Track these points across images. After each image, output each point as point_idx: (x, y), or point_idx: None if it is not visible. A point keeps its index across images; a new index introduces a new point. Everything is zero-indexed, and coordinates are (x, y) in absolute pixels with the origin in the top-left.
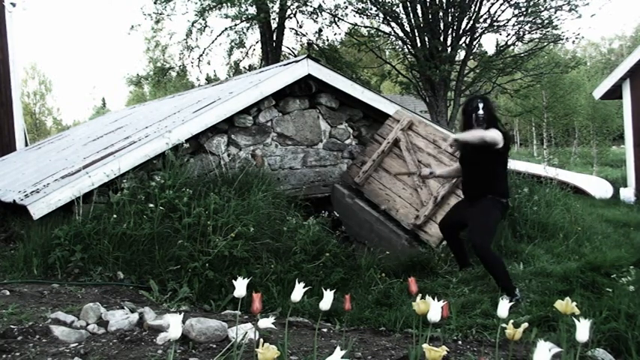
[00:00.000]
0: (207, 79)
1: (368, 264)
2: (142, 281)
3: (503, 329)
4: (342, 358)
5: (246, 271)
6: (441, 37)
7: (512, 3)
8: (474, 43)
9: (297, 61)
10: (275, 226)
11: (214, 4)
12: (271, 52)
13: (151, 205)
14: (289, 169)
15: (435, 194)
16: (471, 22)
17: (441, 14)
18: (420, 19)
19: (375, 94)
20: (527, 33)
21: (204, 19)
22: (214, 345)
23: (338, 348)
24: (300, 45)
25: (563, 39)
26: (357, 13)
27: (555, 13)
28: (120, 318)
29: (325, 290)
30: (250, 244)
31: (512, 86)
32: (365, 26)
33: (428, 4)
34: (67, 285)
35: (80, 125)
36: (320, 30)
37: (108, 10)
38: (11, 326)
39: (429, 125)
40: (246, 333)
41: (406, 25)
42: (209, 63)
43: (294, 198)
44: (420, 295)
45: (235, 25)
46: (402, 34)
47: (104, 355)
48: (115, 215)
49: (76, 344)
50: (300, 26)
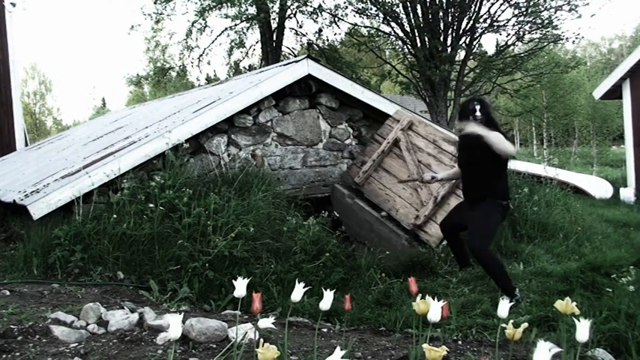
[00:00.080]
0: (207, 79)
1: (368, 264)
2: (142, 281)
3: (503, 329)
4: (342, 358)
5: (246, 271)
6: (441, 37)
7: (512, 3)
8: (474, 43)
9: (297, 61)
10: (275, 226)
11: (214, 4)
12: (271, 52)
13: (151, 205)
14: (289, 169)
15: (435, 194)
16: (471, 22)
17: (441, 14)
18: (420, 19)
19: (375, 94)
20: (527, 33)
21: (204, 19)
22: (214, 345)
23: (338, 348)
24: (300, 45)
25: (563, 39)
26: (357, 13)
27: (555, 13)
28: (120, 318)
29: (325, 290)
30: (250, 244)
31: (512, 86)
32: (365, 26)
33: (428, 4)
34: (67, 285)
35: (80, 125)
36: (320, 30)
37: (108, 10)
38: (11, 326)
39: (429, 125)
40: (246, 333)
41: (406, 25)
42: (209, 63)
43: (294, 198)
44: (420, 295)
45: (235, 25)
46: (402, 34)
47: (104, 355)
48: (115, 215)
49: (76, 344)
50: (300, 26)
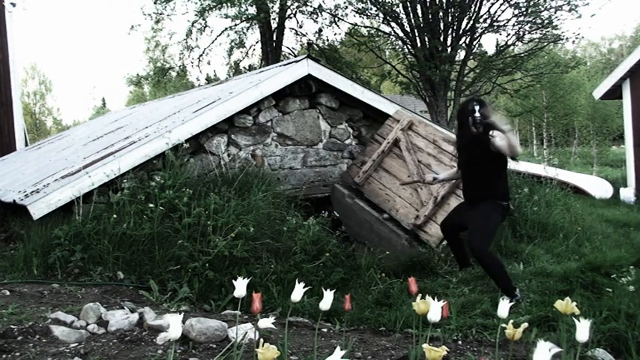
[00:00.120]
0: (207, 79)
1: (368, 264)
2: (142, 281)
3: (503, 329)
4: (342, 358)
5: (246, 271)
6: (441, 37)
7: (512, 3)
8: (474, 43)
9: (297, 61)
10: (275, 226)
11: (214, 4)
12: (271, 52)
13: (151, 205)
14: (289, 169)
15: (435, 194)
16: (471, 22)
17: (441, 14)
18: (420, 19)
19: (375, 94)
20: (527, 33)
21: (204, 19)
22: (214, 345)
23: (338, 348)
24: (300, 45)
25: (563, 39)
26: (357, 13)
27: (555, 13)
28: (120, 318)
29: (325, 290)
30: (250, 244)
31: (512, 86)
32: (365, 26)
33: (428, 4)
34: (67, 285)
35: (80, 125)
36: (320, 30)
37: (108, 10)
38: (11, 326)
39: (429, 125)
40: (246, 333)
41: (406, 25)
42: (209, 63)
43: (294, 198)
44: (420, 295)
45: (235, 25)
46: (402, 34)
47: (104, 355)
48: (115, 215)
49: (76, 344)
50: (300, 26)
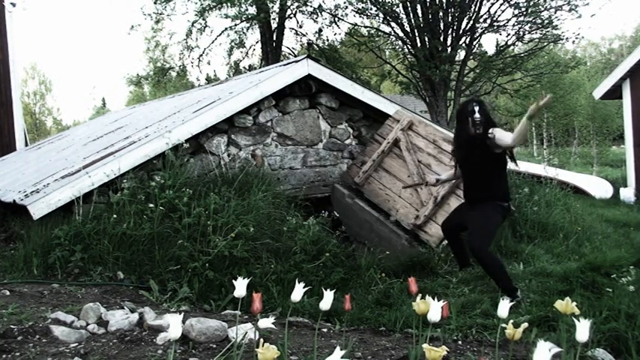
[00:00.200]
0: (207, 79)
1: (368, 264)
2: (142, 281)
3: (503, 329)
4: (342, 358)
5: (246, 271)
6: (441, 37)
7: (512, 3)
8: (474, 43)
9: (297, 61)
10: (275, 226)
11: (214, 4)
12: (271, 52)
13: (151, 205)
14: (289, 169)
15: (435, 194)
16: (471, 22)
17: (441, 14)
18: (420, 19)
19: (375, 94)
20: (527, 33)
21: (204, 19)
22: (214, 345)
23: (338, 348)
24: (300, 45)
25: (563, 39)
26: (357, 13)
27: (555, 13)
28: (120, 318)
29: (325, 290)
30: (250, 244)
31: (512, 86)
32: (365, 26)
33: (428, 4)
34: (67, 285)
35: (80, 125)
36: (320, 30)
37: (108, 10)
38: (11, 326)
39: (429, 125)
40: (246, 333)
41: (406, 25)
42: (209, 63)
43: (294, 198)
44: (420, 295)
45: (235, 25)
46: (402, 34)
47: (104, 355)
48: (115, 215)
49: (76, 344)
50: (300, 26)
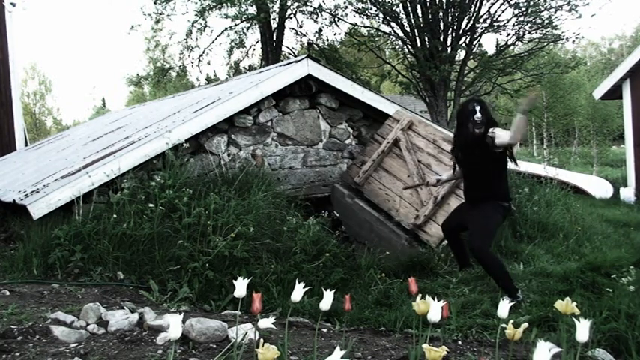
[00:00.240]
0: (207, 79)
1: (368, 264)
2: (142, 281)
3: (503, 329)
4: (342, 358)
5: (246, 271)
6: (441, 37)
7: (512, 3)
8: (474, 43)
9: (297, 61)
10: (275, 226)
11: (214, 4)
12: (271, 52)
13: (151, 205)
14: (289, 169)
15: (435, 194)
16: (471, 22)
17: (441, 14)
18: (420, 19)
19: (375, 94)
20: (527, 33)
21: (204, 19)
22: (214, 345)
23: (338, 348)
24: (300, 45)
25: (563, 39)
26: (357, 13)
27: (555, 13)
28: (120, 318)
29: (325, 290)
30: (250, 244)
31: (512, 86)
32: (365, 26)
33: (428, 4)
34: (67, 285)
35: (80, 125)
36: (320, 30)
37: (108, 10)
38: (11, 326)
39: (429, 125)
40: (246, 333)
41: (406, 25)
42: (209, 63)
43: (294, 198)
44: (420, 295)
45: (235, 25)
46: (402, 34)
47: (104, 355)
48: (115, 215)
49: (76, 344)
50: (300, 26)
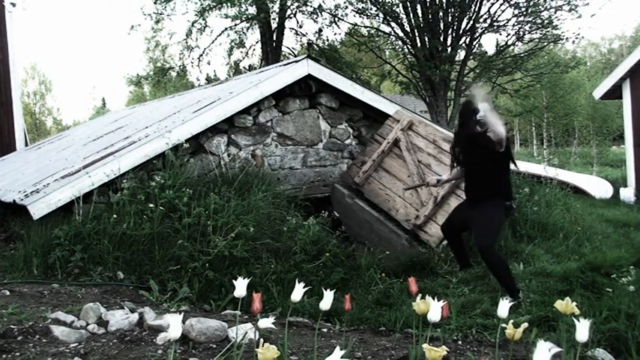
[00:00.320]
0: (207, 79)
1: (368, 264)
2: (142, 281)
3: (503, 329)
4: (342, 358)
5: (246, 271)
6: (441, 37)
7: (512, 3)
8: (474, 43)
9: (297, 61)
10: (275, 226)
11: (214, 4)
12: (271, 52)
13: (151, 205)
14: (289, 169)
15: (435, 194)
16: (471, 22)
17: (441, 14)
18: (420, 19)
19: (375, 94)
20: (527, 33)
21: (204, 19)
22: (214, 345)
23: (338, 348)
24: (300, 45)
25: (563, 39)
26: (357, 13)
27: (555, 13)
28: (120, 318)
29: (325, 290)
30: (250, 244)
31: (512, 86)
32: (365, 26)
33: (428, 4)
34: (67, 285)
35: (80, 125)
36: (320, 30)
37: (108, 10)
38: (11, 326)
39: (429, 125)
40: (246, 333)
41: (406, 25)
42: (209, 63)
43: (294, 198)
44: (420, 295)
45: (235, 25)
46: (402, 34)
47: (104, 355)
48: (115, 215)
49: (76, 344)
50: (300, 26)
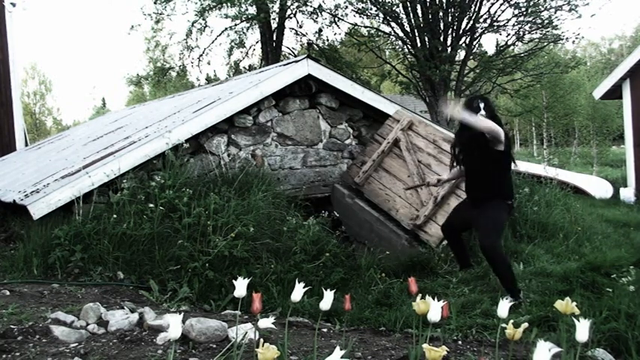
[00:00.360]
0: (207, 79)
1: (368, 264)
2: (142, 281)
3: (503, 329)
4: (342, 358)
5: (246, 271)
6: (441, 37)
7: (512, 3)
8: (474, 43)
9: (297, 61)
10: (275, 226)
11: (214, 4)
12: (271, 52)
13: (151, 205)
14: (289, 169)
15: (435, 194)
16: (471, 22)
17: (441, 14)
18: (420, 19)
19: (375, 94)
20: (527, 33)
21: (204, 19)
22: (214, 345)
23: (338, 348)
24: (300, 45)
25: (563, 39)
26: (357, 13)
27: (555, 13)
28: (120, 318)
29: (325, 290)
30: (250, 244)
31: (512, 86)
32: (365, 26)
33: (428, 4)
34: (67, 285)
35: (80, 125)
36: (320, 30)
37: (108, 10)
38: (11, 326)
39: (429, 125)
40: (246, 333)
41: (406, 25)
42: (209, 63)
43: (294, 198)
44: (420, 295)
45: (235, 25)
46: (402, 34)
47: (104, 355)
48: (115, 215)
49: (76, 344)
50: (300, 26)
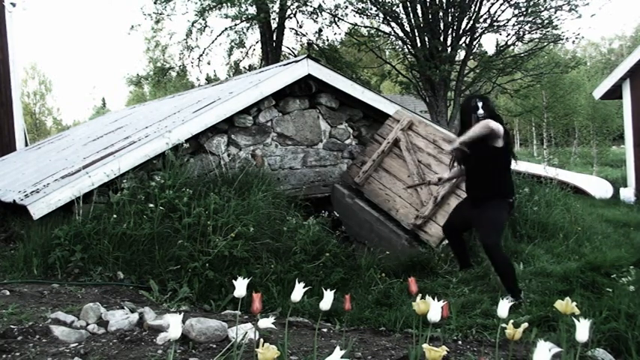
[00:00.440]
0: (207, 79)
1: (368, 264)
2: (142, 281)
3: (503, 329)
4: (342, 358)
5: (246, 271)
6: (441, 37)
7: (512, 3)
8: (474, 43)
9: (297, 61)
10: (275, 226)
11: (214, 4)
12: (271, 52)
13: (151, 205)
14: (289, 169)
15: (435, 194)
16: (471, 22)
17: (441, 14)
18: (420, 19)
19: (375, 94)
20: (527, 33)
21: (204, 19)
22: (214, 345)
23: (338, 348)
24: (300, 45)
25: (563, 39)
26: (357, 13)
27: (555, 13)
28: (120, 318)
29: (325, 290)
30: (250, 244)
31: (512, 86)
32: (365, 26)
33: (428, 4)
34: (67, 285)
35: (80, 125)
36: (320, 30)
37: (108, 10)
38: (11, 326)
39: (429, 125)
40: (246, 333)
41: (406, 25)
42: (209, 63)
43: (294, 198)
44: (420, 295)
45: (235, 25)
46: (402, 34)
47: (104, 355)
48: (115, 215)
49: (76, 344)
50: (300, 26)
